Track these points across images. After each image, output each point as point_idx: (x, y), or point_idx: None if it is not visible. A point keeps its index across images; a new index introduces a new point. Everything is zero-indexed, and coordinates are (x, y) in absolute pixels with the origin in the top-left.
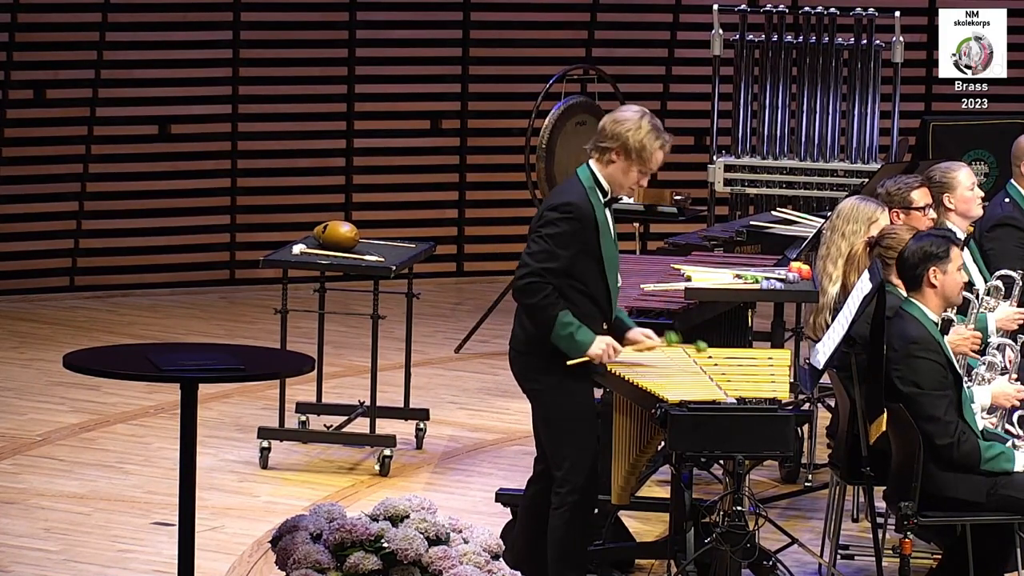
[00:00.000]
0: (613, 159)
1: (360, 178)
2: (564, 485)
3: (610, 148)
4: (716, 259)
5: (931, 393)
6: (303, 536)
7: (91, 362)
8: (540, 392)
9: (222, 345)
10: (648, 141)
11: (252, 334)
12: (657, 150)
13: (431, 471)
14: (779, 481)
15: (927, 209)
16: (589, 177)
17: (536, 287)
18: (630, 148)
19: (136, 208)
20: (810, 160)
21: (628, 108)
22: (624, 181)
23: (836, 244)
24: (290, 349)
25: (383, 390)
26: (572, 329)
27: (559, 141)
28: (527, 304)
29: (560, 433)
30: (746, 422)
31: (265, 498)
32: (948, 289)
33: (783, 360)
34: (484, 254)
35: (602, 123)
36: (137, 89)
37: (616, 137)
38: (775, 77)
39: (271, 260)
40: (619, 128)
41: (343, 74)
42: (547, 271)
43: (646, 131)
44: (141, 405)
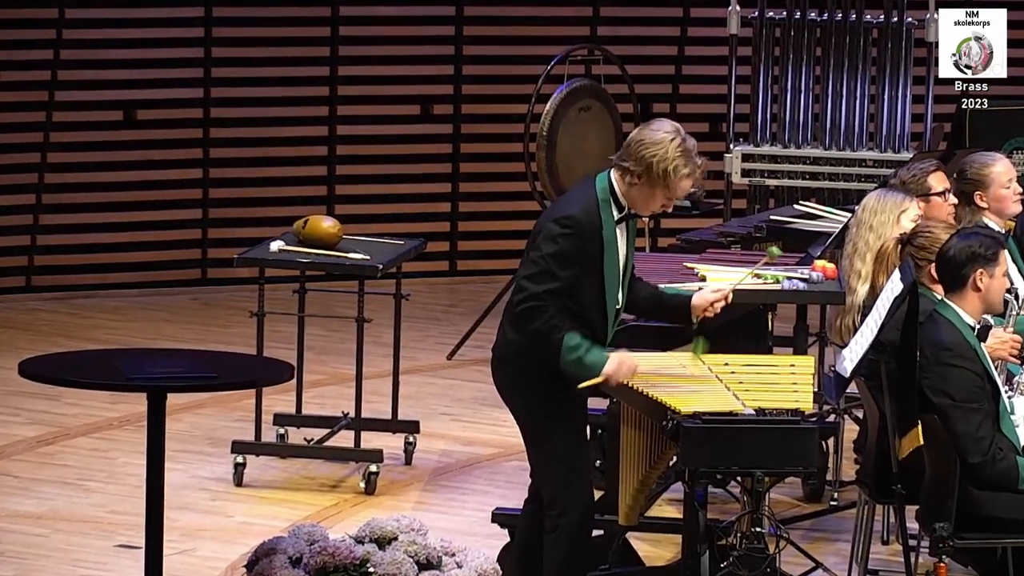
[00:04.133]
0: (635, 181)
1: (344, 168)
2: (555, 507)
3: (632, 171)
4: (733, 257)
5: (963, 406)
6: (281, 560)
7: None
8: (523, 406)
9: (193, 351)
10: (676, 169)
11: (226, 339)
12: (685, 178)
13: (421, 489)
14: (802, 500)
15: (946, 194)
16: (605, 189)
17: (536, 311)
18: (654, 174)
19: (99, 201)
20: (836, 149)
21: (660, 126)
22: (645, 206)
23: (864, 239)
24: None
25: (369, 400)
26: (580, 353)
27: (561, 128)
28: (528, 331)
29: (547, 450)
30: (766, 435)
31: (240, 518)
32: (992, 294)
33: (806, 368)
34: (479, 251)
35: (629, 139)
36: (99, 71)
37: (640, 160)
38: (798, 58)
39: (246, 258)
40: (644, 152)
41: (325, 54)
42: (548, 293)
43: (674, 157)
44: (105, 417)
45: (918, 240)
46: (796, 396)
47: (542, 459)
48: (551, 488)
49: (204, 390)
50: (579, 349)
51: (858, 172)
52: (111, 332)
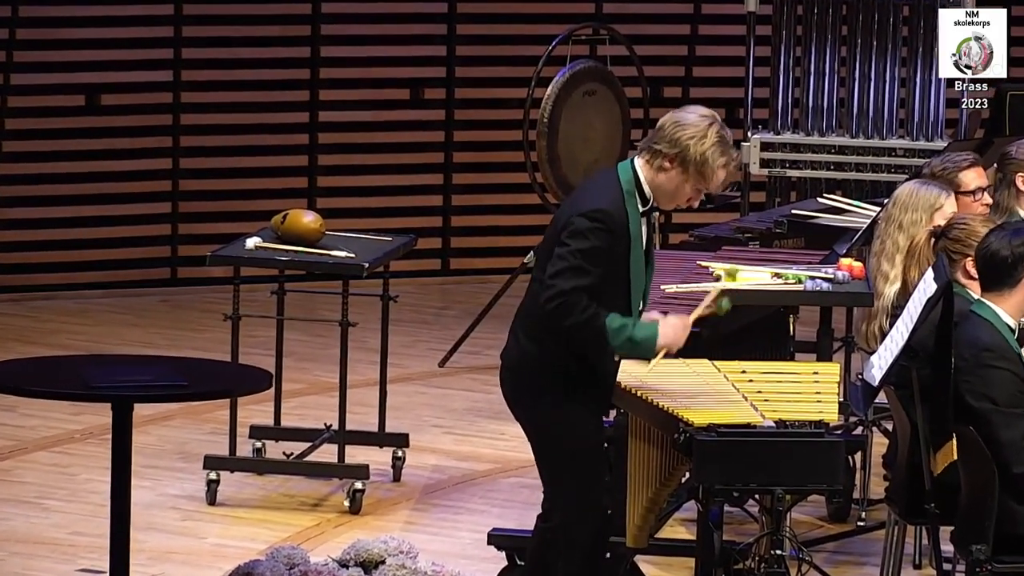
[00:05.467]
0: (666, 166)
1: (326, 158)
2: (567, 530)
3: (665, 154)
4: (751, 255)
5: (1007, 411)
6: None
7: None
8: (535, 419)
9: (162, 357)
10: (712, 155)
11: (198, 344)
12: (720, 168)
13: (411, 508)
14: (826, 520)
15: (979, 193)
16: (631, 180)
17: (569, 307)
18: (689, 159)
19: (59, 194)
20: (863, 137)
21: (695, 110)
22: (675, 195)
23: (893, 238)
24: (243, 362)
25: (354, 411)
26: (628, 332)
27: (564, 115)
28: (567, 326)
29: (559, 468)
30: (787, 450)
31: (213, 540)
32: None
33: (831, 376)
34: (474, 249)
35: (663, 120)
36: (60, 52)
37: (675, 143)
38: (821, 38)
39: (220, 256)
40: (680, 133)
41: (306, 34)
42: (577, 290)
43: (712, 143)
44: (66, 429)
45: (954, 232)
46: (820, 407)
47: (554, 476)
48: (563, 509)
49: (174, 400)
50: (624, 330)
51: (887, 162)
52: (72, 336)
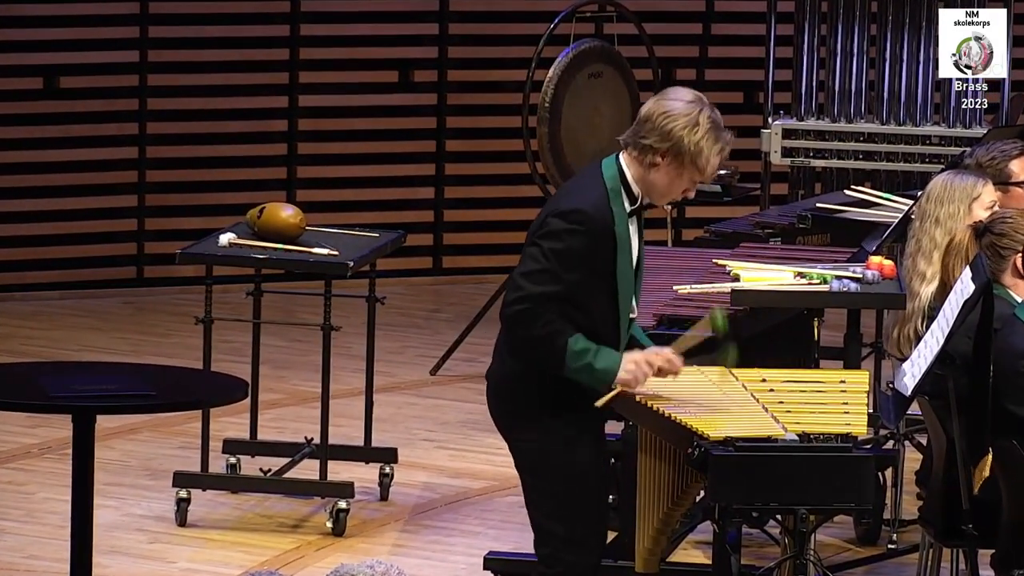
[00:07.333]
0: (657, 162)
1: (307, 147)
2: (554, 565)
3: (656, 148)
4: (772, 252)
5: None
6: None
7: None
8: (521, 443)
9: (127, 365)
10: (708, 144)
11: (166, 350)
12: (715, 155)
13: (400, 529)
14: (854, 542)
15: None
16: (615, 176)
17: (532, 315)
18: (683, 152)
19: (15, 186)
20: (894, 124)
21: (679, 94)
22: (669, 190)
23: (929, 234)
24: (215, 370)
25: (337, 424)
26: (589, 358)
27: (567, 99)
28: (523, 337)
29: (546, 499)
30: (811, 465)
31: (184, 564)
32: None
33: (859, 385)
34: (468, 246)
35: (647, 111)
36: (14, 30)
37: (666, 136)
38: (849, 15)
39: (191, 253)
40: (671, 124)
41: (285, 10)
42: (545, 297)
43: (705, 130)
44: (21, 443)
45: (998, 227)
46: (847, 419)
47: (540, 509)
48: (549, 545)
49: (140, 411)
50: (586, 355)
51: (921, 151)
52: (27, 342)
